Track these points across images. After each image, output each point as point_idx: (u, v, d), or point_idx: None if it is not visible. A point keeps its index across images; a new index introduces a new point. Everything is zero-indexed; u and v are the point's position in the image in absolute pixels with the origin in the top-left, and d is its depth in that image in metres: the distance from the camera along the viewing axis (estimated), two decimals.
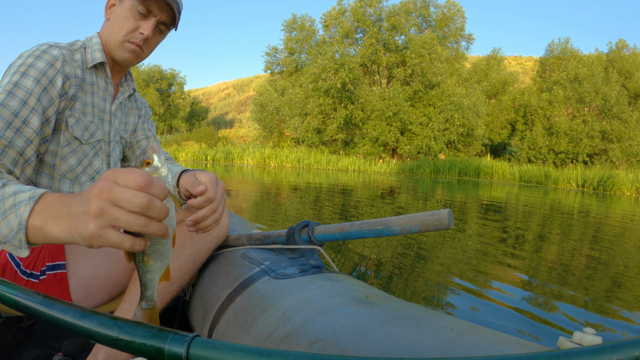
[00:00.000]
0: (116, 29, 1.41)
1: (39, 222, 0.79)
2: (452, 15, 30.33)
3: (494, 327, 0.91)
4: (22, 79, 1.20)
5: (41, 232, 0.79)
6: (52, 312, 0.75)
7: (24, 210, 0.80)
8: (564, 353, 0.51)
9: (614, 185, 18.35)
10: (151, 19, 1.41)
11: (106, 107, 1.51)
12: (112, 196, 0.67)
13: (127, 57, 1.44)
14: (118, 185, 0.68)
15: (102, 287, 1.36)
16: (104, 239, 0.69)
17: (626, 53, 31.61)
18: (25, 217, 0.79)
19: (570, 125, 26.53)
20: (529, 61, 55.24)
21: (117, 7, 1.43)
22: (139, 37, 1.41)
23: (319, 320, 0.91)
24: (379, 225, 1.22)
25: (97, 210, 0.68)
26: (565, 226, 6.68)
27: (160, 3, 1.39)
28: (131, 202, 0.67)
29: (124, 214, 0.67)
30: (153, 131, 1.81)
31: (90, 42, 1.46)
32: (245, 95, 58.44)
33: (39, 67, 1.24)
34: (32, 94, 1.20)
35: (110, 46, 1.44)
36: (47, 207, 0.79)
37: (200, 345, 0.63)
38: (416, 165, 23.20)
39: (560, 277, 3.41)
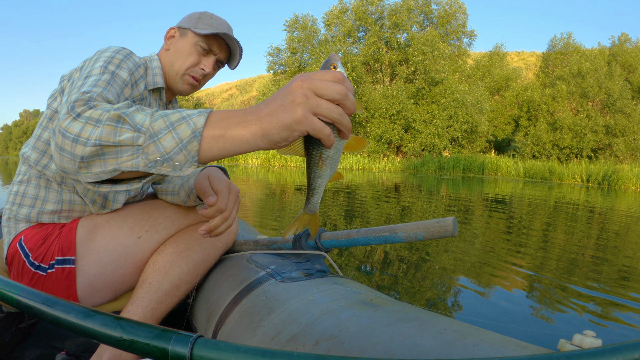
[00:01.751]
0: (178, 61, 1.48)
1: (219, 130, 0.75)
2: (454, 12, 30.26)
3: (496, 329, 0.92)
4: (119, 70, 1.23)
5: (221, 139, 0.75)
6: (55, 311, 0.75)
7: (198, 120, 0.75)
8: (565, 355, 0.52)
9: (619, 179, 18.29)
10: (211, 57, 1.50)
11: None
12: (314, 86, 0.71)
13: (186, 89, 1.52)
14: (317, 78, 0.73)
15: (108, 285, 1.37)
16: (308, 122, 0.71)
17: (629, 47, 31.46)
18: (200, 125, 0.75)
19: (574, 120, 26.44)
20: (532, 57, 55.07)
21: (178, 39, 1.50)
22: (199, 72, 1.50)
23: (324, 322, 0.92)
24: (385, 232, 1.23)
25: (302, 96, 0.71)
26: (570, 223, 6.66)
27: (221, 42, 1.50)
28: (332, 90, 0.71)
29: (325, 101, 0.71)
30: None
31: (151, 63, 1.49)
32: (249, 96, 58.48)
33: (128, 66, 1.29)
34: (127, 86, 1.25)
35: (170, 76, 1.50)
36: (224, 117, 0.76)
37: (204, 345, 0.63)
38: (420, 163, 23.17)
39: (562, 279, 3.41)
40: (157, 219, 1.43)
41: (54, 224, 1.36)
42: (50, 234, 1.33)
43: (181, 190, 1.48)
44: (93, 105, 0.82)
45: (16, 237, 1.34)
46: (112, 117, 0.77)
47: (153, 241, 1.41)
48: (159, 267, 1.37)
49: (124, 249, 1.37)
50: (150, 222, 1.42)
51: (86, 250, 1.34)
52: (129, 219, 1.41)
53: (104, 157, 0.76)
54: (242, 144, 0.75)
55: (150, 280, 1.34)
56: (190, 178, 1.45)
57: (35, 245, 1.31)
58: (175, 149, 0.74)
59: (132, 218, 1.42)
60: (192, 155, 0.75)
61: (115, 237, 1.37)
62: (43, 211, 1.35)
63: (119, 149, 0.76)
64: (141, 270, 1.40)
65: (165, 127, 0.75)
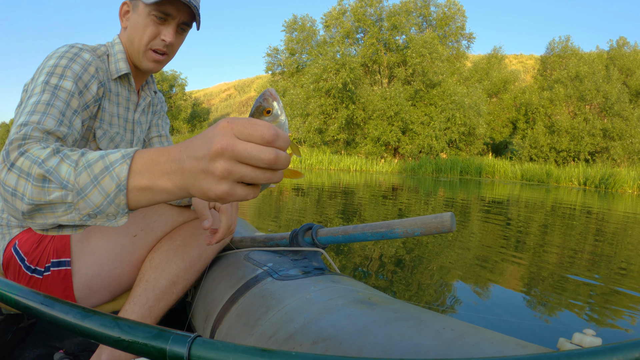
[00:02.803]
0: (136, 38, 1.37)
1: (145, 181, 0.70)
2: (453, 14, 30.33)
3: (495, 328, 0.91)
4: (61, 81, 1.16)
5: (149, 191, 0.71)
6: (53, 312, 0.75)
7: (121, 170, 0.70)
8: (564, 354, 0.51)
9: (616, 183, 18.32)
10: (171, 23, 1.37)
11: (129, 116, 1.50)
12: (237, 154, 0.62)
13: (152, 66, 1.42)
14: (241, 141, 0.63)
15: (105, 286, 1.36)
16: (233, 197, 0.65)
17: (627, 51, 31.56)
18: (124, 177, 0.70)
19: (571, 123, 26.51)
20: (530, 59, 55.20)
21: (132, 14, 1.39)
22: (161, 44, 1.38)
23: (321, 321, 0.92)
24: (382, 228, 1.23)
25: (224, 171, 0.63)
26: (567, 225, 6.67)
27: (177, 5, 1.34)
28: (259, 159, 0.62)
29: (251, 170, 0.63)
30: (166, 130, 1.76)
31: (113, 49, 1.41)
32: (247, 96, 58.50)
33: (74, 69, 1.21)
34: (74, 96, 1.18)
35: (133, 56, 1.41)
36: (149, 165, 0.70)
37: (202, 345, 0.63)
38: (418, 165, 23.19)
39: (561, 278, 3.41)
40: (152, 217, 1.41)
41: None
42: (44, 236, 1.31)
43: None
44: (25, 151, 0.81)
45: (10, 242, 1.33)
46: (37, 177, 0.75)
47: (149, 239, 1.39)
48: (155, 264, 1.35)
49: (120, 248, 1.35)
50: (145, 220, 1.40)
51: (81, 251, 1.32)
52: None
53: (42, 212, 0.76)
54: (172, 196, 0.71)
55: (147, 278, 1.33)
56: None
57: (30, 249, 1.30)
58: (104, 203, 0.72)
59: None
60: (122, 208, 0.72)
61: (110, 236, 1.35)
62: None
63: (52, 206, 0.75)
64: (138, 269, 1.38)
65: (90, 182, 0.72)
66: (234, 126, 0.63)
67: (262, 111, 0.68)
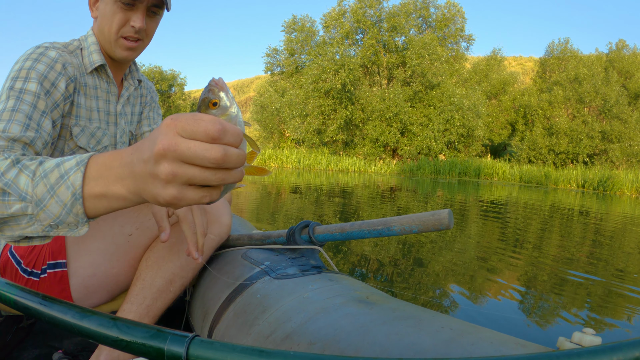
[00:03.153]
0: (106, 27, 1.33)
1: (99, 188, 0.67)
2: (452, 16, 30.38)
3: (494, 327, 0.91)
4: (26, 84, 1.15)
5: (104, 198, 0.68)
6: (52, 312, 0.75)
7: (75, 178, 0.68)
8: (564, 354, 0.51)
9: (614, 185, 18.35)
10: (139, 8, 1.31)
11: (111, 109, 1.47)
12: (180, 154, 0.56)
13: (125, 55, 1.37)
14: (184, 139, 0.57)
15: (103, 286, 1.35)
16: (183, 201, 0.60)
17: (626, 53, 31.63)
18: (78, 186, 0.68)
19: (570, 125, 26.55)
20: (529, 61, 55.27)
21: (100, 3, 1.34)
22: (131, 31, 1.33)
23: (318, 321, 0.91)
24: (379, 225, 1.22)
25: (168, 174, 0.57)
26: (566, 226, 6.68)
27: None
28: (204, 158, 0.56)
29: (199, 171, 0.57)
30: (159, 123, 1.68)
31: (86, 42, 1.39)
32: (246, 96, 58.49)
33: (39, 69, 1.19)
34: (40, 98, 1.16)
35: (105, 46, 1.38)
36: (102, 171, 0.67)
37: (200, 345, 0.63)
38: (416, 166, 23.20)
39: (560, 277, 3.41)
40: (147, 215, 1.38)
41: None
42: None
43: None
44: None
45: (6, 246, 1.32)
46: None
47: (145, 238, 1.37)
48: (150, 263, 1.33)
49: (116, 248, 1.34)
50: (140, 219, 1.38)
51: (77, 252, 1.31)
52: (119, 217, 1.36)
53: (7, 224, 0.74)
54: (128, 202, 0.68)
55: (143, 277, 1.31)
56: None
57: (25, 252, 1.29)
58: (63, 213, 0.70)
59: (122, 216, 1.37)
60: (80, 217, 0.70)
61: (105, 236, 1.34)
62: None
63: (16, 218, 0.73)
64: (135, 268, 1.37)
65: (47, 192, 0.70)
66: (177, 123, 0.58)
67: (207, 104, 0.62)
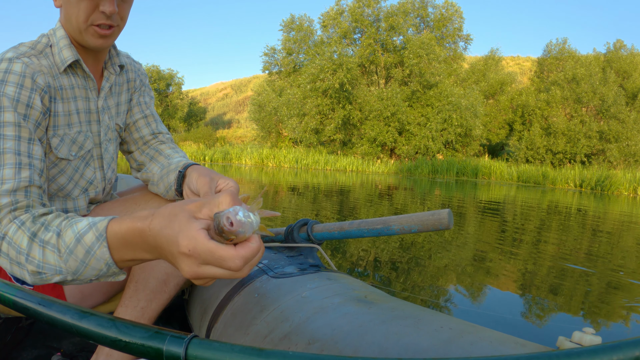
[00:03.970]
0: (73, 16, 1.17)
1: (128, 255, 0.78)
2: (450, 16, 30.37)
3: (493, 326, 0.91)
4: (1, 115, 1.05)
5: (135, 260, 0.79)
6: (51, 312, 0.75)
7: (102, 253, 0.78)
8: (564, 353, 0.51)
9: (612, 185, 18.36)
10: None
11: (91, 106, 1.33)
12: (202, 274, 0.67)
13: (100, 43, 1.21)
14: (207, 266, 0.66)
15: (98, 289, 1.33)
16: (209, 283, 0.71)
17: (624, 53, 31.65)
18: (108, 257, 0.78)
19: (568, 125, 26.57)
20: (527, 61, 55.26)
21: None
22: (102, 17, 1.17)
23: (317, 320, 0.91)
24: (379, 224, 1.22)
25: (193, 274, 0.67)
26: (564, 226, 6.69)
27: None
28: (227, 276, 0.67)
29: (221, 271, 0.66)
30: (152, 108, 1.58)
31: (55, 36, 1.24)
32: (243, 96, 58.40)
33: (8, 94, 1.07)
34: (20, 126, 1.07)
35: (74, 36, 1.22)
36: (125, 245, 0.76)
37: (199, 345, 0.63)
38: (414, 166, 23.19)
39: (560, 277, 3.41)
40: None
41: None
42: None
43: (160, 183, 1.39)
44: (3, 235, 0.90)
45: None
46: (32, 272, 0.85)
47: None
48: (144, 264, 1.30)
49: None
50: None
51: None
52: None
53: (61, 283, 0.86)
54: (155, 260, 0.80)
55: (137, 278, 1.29)
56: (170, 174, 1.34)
57: None
58: (101, 274, 0.81)
59: None
60: (118, 272, 0.81)
61: None
62: None
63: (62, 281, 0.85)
64: (129, 269, 1.35)
65: (80, 265, 0.80)
66: (198, 257, 0.65)
67: (227, 238, 0.65)
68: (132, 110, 1.52)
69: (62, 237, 0.83)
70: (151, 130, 1.52)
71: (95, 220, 0.81)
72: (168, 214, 0.70)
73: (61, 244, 0.83)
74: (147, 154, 1.50)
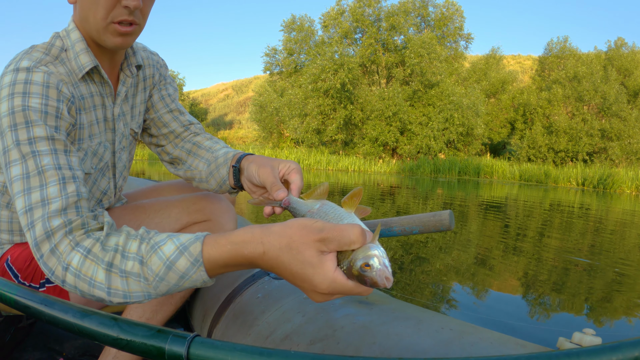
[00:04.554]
0: (90, 14, 1.07)
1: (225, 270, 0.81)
2: (451, 15, 30.33)
3: (494, 327, 0.91)
4: (31, 131, 0.95)
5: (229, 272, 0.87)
6: (52, 311, 0.75)
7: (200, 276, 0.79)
8: (564, 353, 0.51)
9: (614, 183, 18.32)
10: None
11: (107, 114, 1.24)
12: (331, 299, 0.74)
13: (120, 42, 1.10)
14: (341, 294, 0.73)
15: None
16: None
17: (625, 51, 31.57)
18: (205, 277, 0.79)
19: (569, 123, 26.51)
20: (528, 60, 55.20)
21: None
22: (125, 13, 1.05)
23: (318, 321, 0.91)
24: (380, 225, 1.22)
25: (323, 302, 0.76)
26: (566, 225, 6.67)
27: None
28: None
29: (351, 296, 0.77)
30: (176, 101, 1.49)
31: (69, 39, 1.13)
32: (245, 96, 58.40)
33: (35, 107, 0.97)
34: (54, 139, 0.97)
35: (92, 36, 1.12)
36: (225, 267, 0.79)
37: (201, 345, 0.63)
38: (416, 165, 23.17)
39: (560, 277, 3.41)
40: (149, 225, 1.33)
41: None
42: None
43: (211, 180, 1.34)
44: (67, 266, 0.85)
45: (2, 258, 1.26)
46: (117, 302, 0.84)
47: None
48: None
49: None
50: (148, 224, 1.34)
51: None
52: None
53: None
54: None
55: None
56: (220, 168, 1.30)
57: (23, 266, 1.24)
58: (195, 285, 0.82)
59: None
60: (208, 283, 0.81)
61: None
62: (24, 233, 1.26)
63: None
64: None
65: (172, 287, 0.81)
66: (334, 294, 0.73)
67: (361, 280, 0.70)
68: (155, 106, 1.44)
69: (147, 264, 0.81)
70: (181, 123, 1.45)
71: (184, 244, 0.80)
72: (287, 247, 0.72)
73: (147, 272, 0.80)
74: (184, 148, 1.44)
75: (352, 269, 0.69)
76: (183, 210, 1.39)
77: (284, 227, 0.75)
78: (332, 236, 0.70)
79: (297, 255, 0.71)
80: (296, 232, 0.73)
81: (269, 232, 0.75)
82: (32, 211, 0.90)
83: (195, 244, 0.78)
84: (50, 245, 0.86)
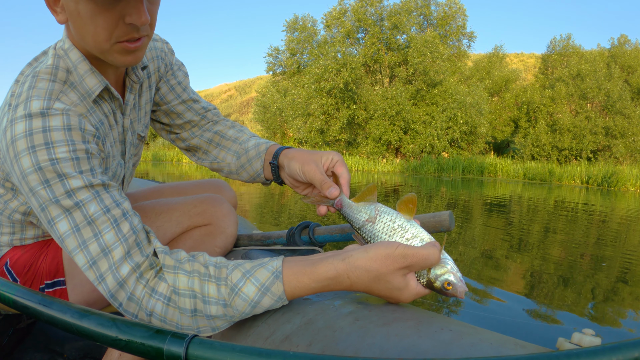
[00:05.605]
0: (88, 35, 0.94)
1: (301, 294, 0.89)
2: (453, 14, 30.31)
3: (494, 328, 0.91)
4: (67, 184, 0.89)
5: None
6: (51, 311, 0.75)
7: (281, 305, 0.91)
8: (564, 354, 0.51)
9: (618, 181, 18.26)
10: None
11: (119, 129, 1.18)
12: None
13: (131, 60, 0.99)
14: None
15: (104, 300, 1.29)
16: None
17: (628, 48, 31.47)
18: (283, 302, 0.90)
19: (573, 121, 26.45)
20: (531, 58, 55.10)
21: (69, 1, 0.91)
22: (132, 30, 0.93)
23: (318, 322, 0.91)
24: None
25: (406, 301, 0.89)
26: (569, 224, 6.66)
27: None
28: None
29: None
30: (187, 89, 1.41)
31: (68, 59, 1.02)
32: (248, 97, 58.50)
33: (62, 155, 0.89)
34: (92, 184, 0.91)
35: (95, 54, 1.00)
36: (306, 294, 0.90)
37: (199, 345, 0.63)
38: (420, 164, 23.17)
39: (561, 277, 3.40)
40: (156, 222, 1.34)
41: (38, 242, 1.26)
42: (36, 256, 1.23)
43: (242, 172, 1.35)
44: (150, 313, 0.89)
45: (2, 259, 1.25)
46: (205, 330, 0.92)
47: None
48: None
49: None
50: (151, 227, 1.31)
51: (75, 268, 1.23)
52: None
53: None
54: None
55: None
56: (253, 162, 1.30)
57: (22, 270, 1.23)
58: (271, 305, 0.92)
59: None
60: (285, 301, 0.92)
61: None
62: (25, 237, 1.24)
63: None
64: None
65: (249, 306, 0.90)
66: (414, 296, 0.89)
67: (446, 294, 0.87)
68: (165, 98, 1.37)
69: (232, 306, 0.89)
70: (196, 112, 1.42)
71: (264, 285, 0.88)
72: (375, 279, 0.84)
73: (232, 312, 0.89)
74: (203, 137, 1.42)
75: (433, 283, 0.85)
76: (184, 214, 1.39)
77: (369, 261, 0.83)
78: (416, 262, 0.82)
79: (386, 284, 0.84)
80: (382, 265, 0.82)
81: (354, 267, 0.83)
82: (97, 264, 0.89)
83: (276, 284, 0.87)
84: (126, 293, 0.89)
